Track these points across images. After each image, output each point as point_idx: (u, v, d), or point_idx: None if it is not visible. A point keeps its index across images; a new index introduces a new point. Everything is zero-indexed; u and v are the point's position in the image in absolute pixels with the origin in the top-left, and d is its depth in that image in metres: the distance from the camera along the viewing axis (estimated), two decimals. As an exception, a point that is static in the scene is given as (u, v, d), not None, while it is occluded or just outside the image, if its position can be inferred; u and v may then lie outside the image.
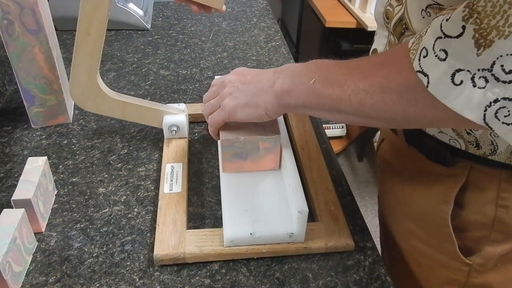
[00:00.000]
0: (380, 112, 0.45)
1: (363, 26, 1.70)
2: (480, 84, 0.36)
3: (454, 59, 0.36)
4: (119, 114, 0.71)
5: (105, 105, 0.69)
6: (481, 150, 0.50)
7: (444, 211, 0.55)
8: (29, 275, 0.53)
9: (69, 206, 0.62)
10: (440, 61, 0.37)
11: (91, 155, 0.71)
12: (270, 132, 0.60)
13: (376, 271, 0.55)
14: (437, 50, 0.37)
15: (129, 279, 0.53)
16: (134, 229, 0.59)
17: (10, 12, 0.64)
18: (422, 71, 0.39)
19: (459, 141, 0.51)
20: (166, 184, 0.63)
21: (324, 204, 0.61)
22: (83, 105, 0.69)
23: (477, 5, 0.34)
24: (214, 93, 0.61)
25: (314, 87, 0.49)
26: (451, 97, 0.37)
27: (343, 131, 2.10)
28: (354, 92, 0.45)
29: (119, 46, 1.03)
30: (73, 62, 0.65)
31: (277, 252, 0.55)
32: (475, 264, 0.57)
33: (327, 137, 0.77)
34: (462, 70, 0.36)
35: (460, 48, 0.36)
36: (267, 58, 1.00)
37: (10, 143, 0.73)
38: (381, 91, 0.43)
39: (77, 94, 0.68)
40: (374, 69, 0.45)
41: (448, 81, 0.37)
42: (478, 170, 0.52)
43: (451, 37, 0.36)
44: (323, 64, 0.51)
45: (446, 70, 0.37)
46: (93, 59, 0.64)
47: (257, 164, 0.62)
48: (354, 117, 0.48)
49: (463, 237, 0.56)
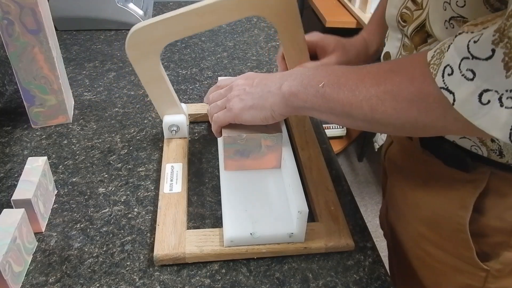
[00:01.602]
0: (391, 119, 0.45)
1: (363, 26, 1.69)
2: (508, 104, 0.36)
3: (482, 80, 0.37)
4: (147, 78, 0.67)
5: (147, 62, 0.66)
6: (504, 158, 0.50)
7: (462, 216, 0.54)
8: (29, 275, 0.53)
9: (69, 206, 0.62)
10: (467, 81, 0.37)
11: (91, 155, 0.71)
12: (272, 130, 0.60)
13: (376, 271, 0.55)
14: (463, 70, 0.38)
15: (129, 279, 0.53)
16: (134, 229, 0.59)
17: (10, 12, 0.64)
18: (447, 88, 0.39)
19: (482, 148, 0.51)
20: (166, 184, 0.63)
21: (324, 204, 0.60)
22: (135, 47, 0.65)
23: (509, 30, 0.34)
24: (221, 95, 0.61)
25: (324, 90, 0.49)
26: (478, 115, 0.38)
27: (343, 131, 2.10)
28: (365, 98, 0.46)
29: (119, 46, 1.03)
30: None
31: (277, 252, 0.55)
32: (493, 269, 0.56)
33: (327, 137, 0.77)
34: (490, 90, 0.37)
35: (488, 70, 0.36)
36: (267, 58, 1.00)
37: (10, 143, 0.73)
38: (392, 99, 0.44)
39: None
40: (386, 76, 0.45)
41: (475, 100, 0.37)
42: (500, 176, 0.52)
43: (479, 59, 0.37)
44: (333, 69, 0.51)
45: (474, 90, 0.37)
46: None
47: (258, 162, 0.63)
48: (362, 122, 0.48)
49: (480, 243, 0.56)
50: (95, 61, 0.97)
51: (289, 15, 0.64)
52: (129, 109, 0.82)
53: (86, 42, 1.05)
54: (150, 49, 0.63)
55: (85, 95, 0.85)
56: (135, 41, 0.62)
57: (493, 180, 0.52)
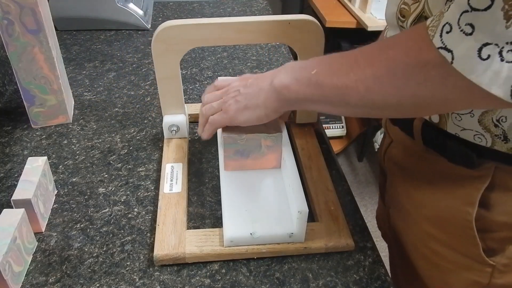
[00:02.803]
0: (388, 97, 0.44)
1: (363, 26, 1.69)
2: (509, 58, 0.35)
3: (482, 32, 0.36)
4: (164, 74, 0.67)
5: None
6: (509, 143, 0.49)
7: (469, 212, 0.54)
8: (29, 275, 0.53)
9: (69, 206, 0.62)
10: (466, 36, 0.36)
11: (91, 155, 0.71)
12: (273, 130, 0.60)
13: (376, 271, 0.55)
14: (462, 25, 0.36)
15: (129, 279, 0.53)
16: (134, 229, 0.59)
17: (10, 12, 0.64)
18: (445, 47, 0.38)
19: (485, 135, 0.50)
20: (166, 184, 0.63)
21: (324, 204, 0.60)
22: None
23: None
24: (217, 97, 0.61)
25: (317, 78, 0.48)
26: (478, 72, 0.36)
27: (343, 131, 2.10)
28: (361, 78, 0.45)
29: (119, 46, 1.03)
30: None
31: (277, 252, 0.55)
32: (499, 264, 0.56)
33: (327, 137, 0.77)
34: (490, 44, 0.35)
35: (488, 21, 0.35)
36: (267, 58, 1.00)
37: (10, 143, 0.73)
38: (389, 75, 0.43)
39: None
40: (380, 53, 0.44)
41: (474, 55, 0.36)
42: (505, 170, 0.51)
43: (478, 10, 0.35)
44: (324, 58, 0.51)
45: (473, 45, 0.36)
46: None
47: (258, 163, 0.63)
48: (360, 108, 0.47)
49: (486, 238, 0.55)
50: (95, 61, 0.97)
51: (315, 52, 0.66)
52: (129, 109, 0.82)
53: (86, 42, 1.05)
54: (176, 48, 0.64)
55: (85, 95, 0.85)
56: (164, 36, 0.62)
57: (498, 175, 0.52)
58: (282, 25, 0.63)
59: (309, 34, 0.64)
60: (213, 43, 0.66)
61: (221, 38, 0.64)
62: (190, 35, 0.63)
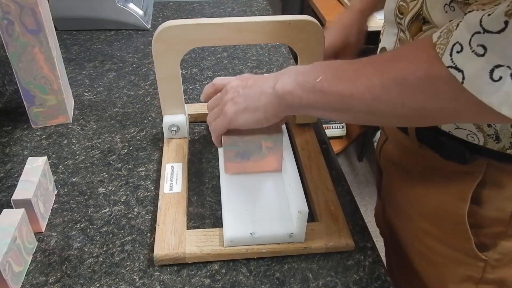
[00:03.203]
0: (396, 108, 0.44)
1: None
2: None
3: (494, 54, 0.36)
4: (164, 74, 0.68)
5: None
6: (500, 143, 0.49)
7: (461, 208, 0.55)
8: (29, 275, 0.53)
9: (69, 206, 0.62)
10: (478, 57, 0.37)
11: (91, 155, 0.71)
12: (273, 131, 0.60)
13: (376, 271, 0.55)
14: (474, 46, 0.37)
15: (129, 279, 0.53)
16: (134, 229, 0.59)
17: (10, 12, 0.64)
18: (455, 67, 0.38)
19: (478, 135, 0.50)
20: (166, 184, 0.63)
21: (324, 204, 0.61)
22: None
23: None
24: (218, 100, 0.60)
25: (321, 85, 0.47)
26: (488, 92, 0.37)
27: (343, 131, 2.10)
28: (368, 87, 0.44)
29: (119, 46, 1.03)
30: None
31: (277, 252, 0.55)
32: (491, 259, 0.56)
33: (327, 137, 0.77)
34: (502, 66, 0.36)
35: (501, 44, 0.35)
36: (267, 58, 1.00)
37: (10, 143, 0.73)
38: (398, 86, 0.42)
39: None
40: (389, 64, 0.44)
41: (486, 76, 0.36)
42: (496, 166, 0.52)
43: (491, 33, 0.36)
44: (329, 64, 0.50)
45: (484, 66, 0.36)
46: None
47: (259, 165, 0.62)
48: (364, 115, 0.47)
49: (479, 234, 0.56)
50: (95, 61, 0.97)
51: (315, 52, 0.66)
52: (129, 109, 0.82)
53: (86, 42, 1.05)
54: (177, 47, 0.64)
55: (85, 95, 0.85)
56: (164, 36, 0.62)
57: (490, 171, 0.52)
58: (282, 25, 0.63)
59: (309, 35, 0.64)
60: (213, 43, 0.66)
61: (221, 38, 0.64)
62: (190, 35, 0.63)
